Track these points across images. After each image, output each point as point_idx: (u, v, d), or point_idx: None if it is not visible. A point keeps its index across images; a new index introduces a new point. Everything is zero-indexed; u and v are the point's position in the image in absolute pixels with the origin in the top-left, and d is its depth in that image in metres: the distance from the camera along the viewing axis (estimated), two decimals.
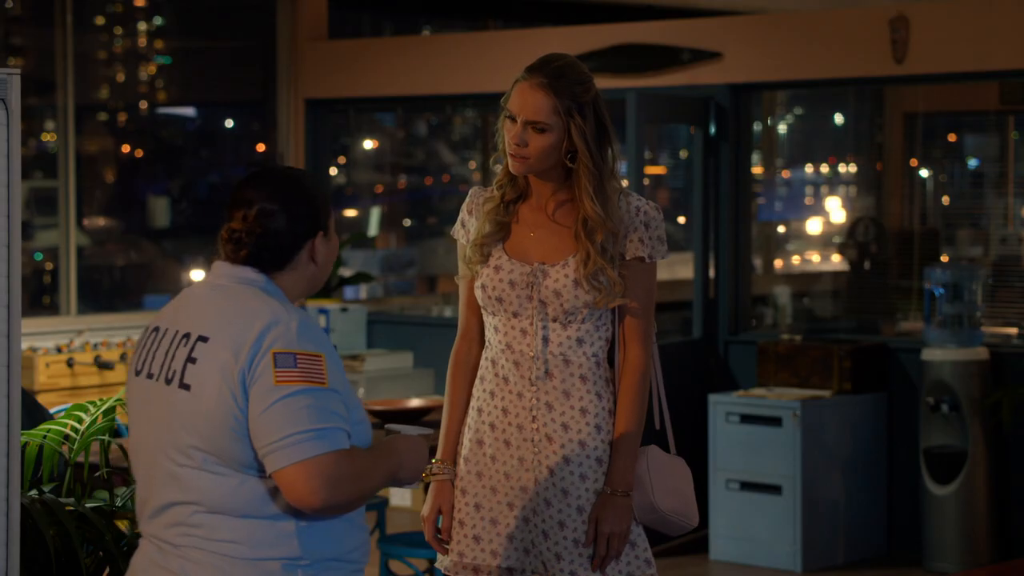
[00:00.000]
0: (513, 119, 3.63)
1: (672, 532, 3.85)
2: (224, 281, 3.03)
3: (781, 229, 11.02)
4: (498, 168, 3.76)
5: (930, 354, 7.75)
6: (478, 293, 3.72)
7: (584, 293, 3.62)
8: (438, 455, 3.77)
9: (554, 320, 3.65)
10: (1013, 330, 8.33)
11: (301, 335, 2.90)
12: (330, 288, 9.72)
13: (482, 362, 3.75)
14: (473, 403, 3.76)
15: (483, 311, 3.74)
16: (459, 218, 3.82)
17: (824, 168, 11.49)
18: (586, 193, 3.62)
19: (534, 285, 3.65)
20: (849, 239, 9.66)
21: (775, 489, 7.76)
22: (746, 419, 7.85)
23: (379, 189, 11.45)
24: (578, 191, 3.63)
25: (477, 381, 3.76)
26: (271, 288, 3.02)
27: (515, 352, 3.68)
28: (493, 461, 3.70)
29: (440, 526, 3.75)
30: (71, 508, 4.04)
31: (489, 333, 3.74)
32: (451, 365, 3.81)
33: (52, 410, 5.09)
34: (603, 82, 8.66)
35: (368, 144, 11.32)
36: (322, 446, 2.84)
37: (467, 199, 3.83)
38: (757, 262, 9.74)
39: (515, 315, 3.67)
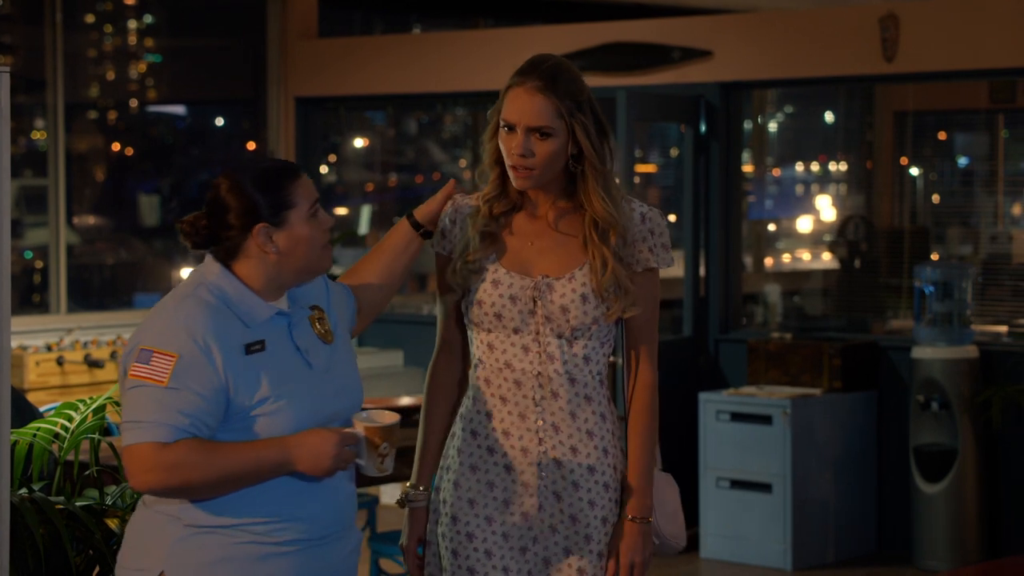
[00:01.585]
0: (511, 128, 3.43)
1: (664, 554, 3.66)
2: (185, 284, 3.28)
3: (771, 227, 11.02)
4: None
5: (920, 352, 7.76)
6: (473, 310, 3.49)
7: (593, 308, 3.44)
8: (413, 479, 3.58)
9: (559, 337, 3.45)
10: (1003, 328, 8.34)
11: (167, 333, 3.15)
12: None
13: (474, 382, 3.53)
14: (464, 425, 3.52)
15: (473, 328, 3.52)
16: (438, 228, 3.58)
17: (814, 166, 11.49)
18: (596, 194, 3.43)
19: (538, 300, 3.45)
20: (839, 237, 9.67)
21: (765, 487, 7.76)
22: (736, 417, 7.86)
23: (369, 187, 11.45)
24: (586, 194, 3.44)
25: (468, 402, 3.53)
26: (225, 279, 3.23)
27: (516, 371, 3.46)
28: (491, 488, 3.48)
29: (424, 555, 3.57)
30: (61, 507, 4.04)
31: (479, 351, 3.51)
32: (429, 381, 3.61)
33: (42, 408, 5.08)
34: (593, 80, 8.68)
35: (358, 142, 11.31)
36: (138, 436, 3.12)
37: (447, 208, 3.58)
38: (747, 260, 9.75)
39: (516, 331, 3.46)
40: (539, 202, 3.51)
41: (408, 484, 3.60)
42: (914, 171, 10.02)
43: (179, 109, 10.87)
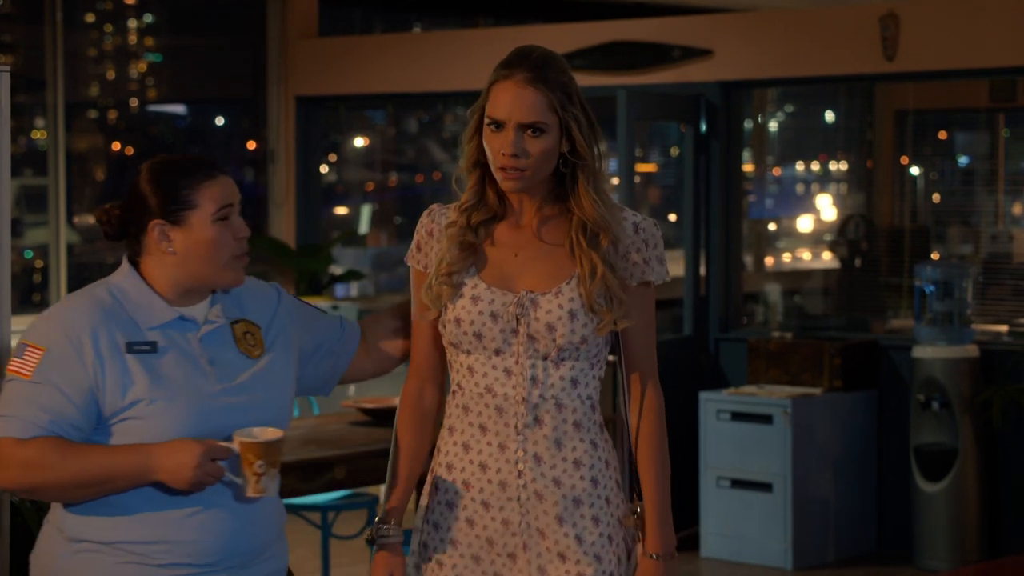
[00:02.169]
0: (499, 126, 3.10)
1: None
2: (93, 283, 3.20)
3: (772, 227, 11.02)
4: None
5: (921, 351, 7.75)
6: (450, 329, 3.16)
7: (582, 326, 3.11)
8: (380, 514, 3.25)
9: (545, 358, 3.12)
10: (1003, 327, 8.33)
11: (43, 329, 3.07)
12: (321, 286, 9.71)
13: (450, 409, 3.21)
14: (440, 459, 3.21)
15: (452, 350, 3.20)
16: (414, 240, 3.24)
17: (815, 166, 11.49)
18: (587, 195, 3.12)
19: (521, 317, 3.12)
20: (840, 237, 9.66)
21: (766, 487, 7.76)
22: (737, 417, 7.85)
23: (370, 187, 11.45)
24: (575, 196, 3.14)
25: (444, 432, 3.22)
26: (129, 279, 3.13)
27: (498, 396, 3.14)
28: (471, 526, 3.16)
29: None
30: None
31: (459, 375, 3.19)
32: (400, 408, 3.28)
33: None
34: (593, 79, 8.69)
35: (359, 141, 11.31)
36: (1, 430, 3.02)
37: (424, 218, 3.24)
38: (748, 260, 9.75)
39: (497, 353, 3.13)
40: (523, 209, 3.18)
41: (376, 520, 3.26)
42: (914, 170, 10.01)
43: (179, 108, 10.87)
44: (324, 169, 10.57)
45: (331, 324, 3.35)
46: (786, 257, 11.25)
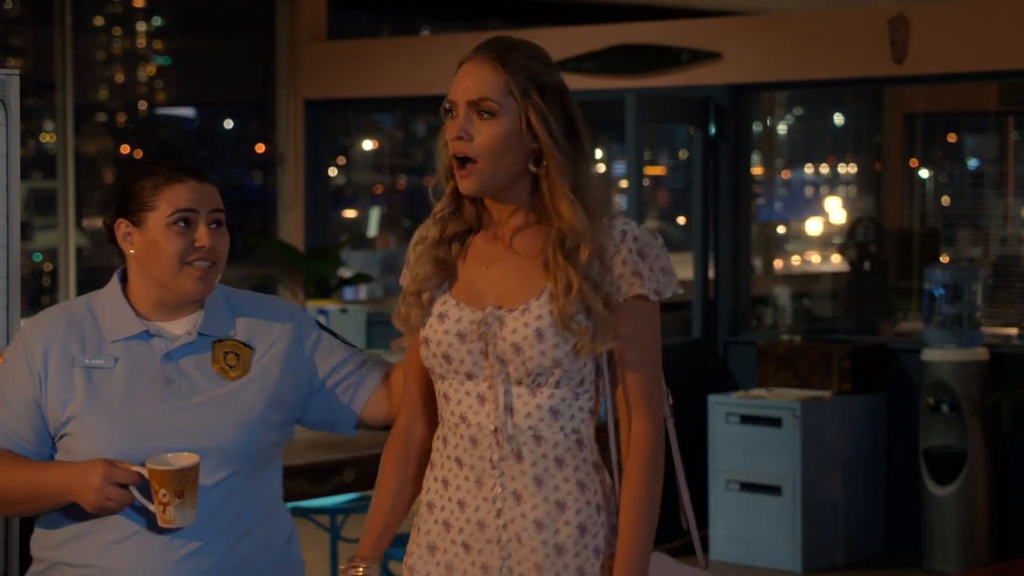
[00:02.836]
0: (451, 112, 2.83)
1: None
2: None
3: (781, 229, 11.02)
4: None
5: (930, 354, 7.74)
6: (422, 351, 2.86)
7: (553, 347, 2.75)
8: (358, 550, 2.99)
9: (518, 383, 2.78)
10: (1013, 330, 8.32)
11: (13, 341, 3.06)
12: (329, 289, 9.72)
13: (434, 443, 2.91)
14: (422, 496, 2.92)
15: (432, 375, 2.89)
16: (406, 259, 2.94)
17: (824, 168, 11.48)
18: (563, 196, 2.76)
19: (488, 336, 2.78)
20: (849, 239, 9.66)
21: (775, 490, 7.75)
22: (746, 420, 7.85)
23: (378, 190, 11.45)
24: (550, 196, 2.78)
25: (428, 468, 2.92)
26: (111, 289, 3.07)
27: (471, 426, 2.81)
28: (449, 571, 2.84)
29: None
30: None
31: (439, 404, 2.89)
32: (388, 443, 3.01)
33: None
34: (602, 83, 8.69)
35: (367, 144, 11.31)
36: None
37: (415, 237, 2.94)
38: (757, 263, 9.74)
39: (469, 377, 2.81)
40: (500, 218, 2.85)
41: (352, 558, 3.00)
42: (924, 173, 10.01)
43: (188, 111, 10.88)
44: (333, 172, 10.58)
45: (353, 358, 3.15)
46: (795, 260, 11.25)
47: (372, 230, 11.08)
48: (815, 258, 11.19)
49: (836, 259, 10.46)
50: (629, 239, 2.78)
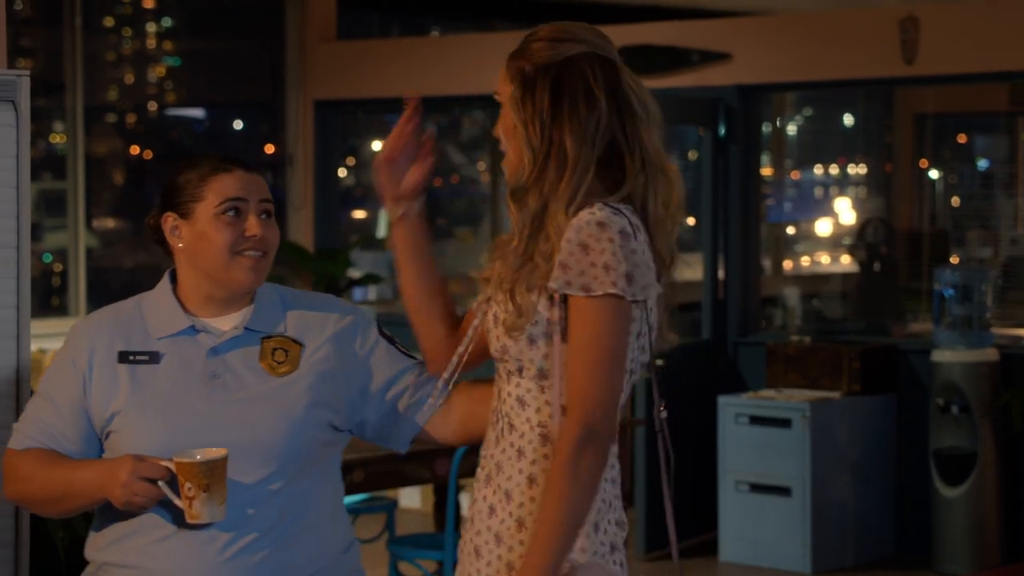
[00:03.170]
0: None
1: None
2: None
3: (790, 230, 11.01)
4: None
5: (940, 355, 7.73)
6: None
7: (503, 334, 2.74)
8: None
9: (507, 370, 2.80)
10: (1023, 331, 8.31)
11: (66, 338, 3.04)
12: (339, 289, 9.72)
13: None
14: None
15: None
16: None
17: (833, 169, 11.48)
18: (541, 184, 2.72)
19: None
20: (858, 240, 9.65)
21: (784, 491, 7.74)
22: (755, 420, 7.84)
23: None
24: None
25: None
26: (161, 287, 3.04)
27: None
28: (461, 552, 2.86)
29: None
30: None
31: None
32: None
33: None
34: None
35: (377, 145, 11.31)
36: (9, 443, 3.00)
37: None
38: (766, 263, 9.74)
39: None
40: None
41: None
42: (933, 174, 10.00)
43: (198, 112, 10.89)
44: (342, 173, 10.58)
45: (412, 369, 3.04)
46: (805, 261, 11.24)
47: (382, 231, 11.08)
48: (825, 259, 11.18)
49: (846, 260, 10.45)
50: (571, 229, 2.66)
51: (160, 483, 2.81)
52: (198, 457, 2.78)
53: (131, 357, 2.94)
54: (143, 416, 2.90)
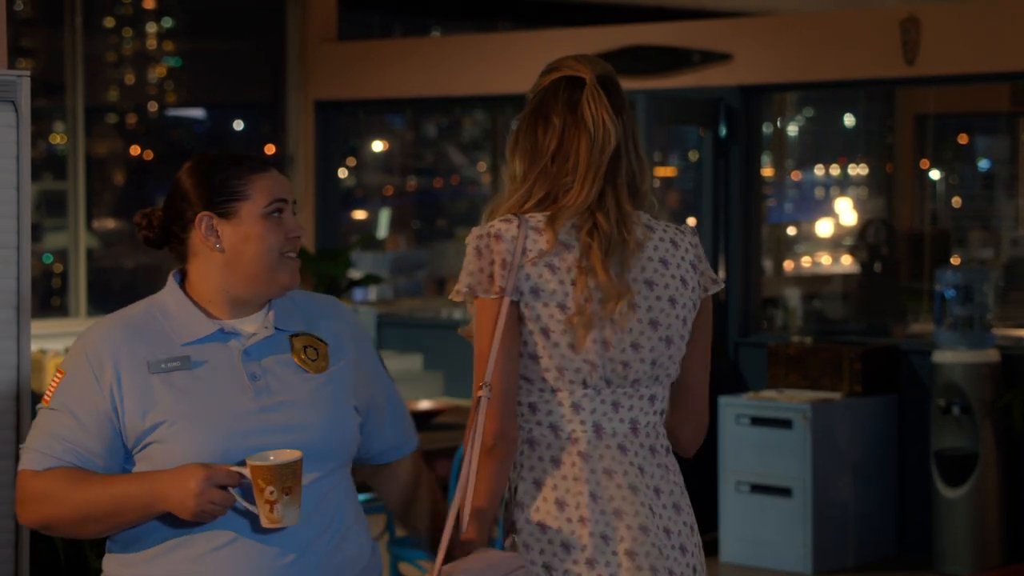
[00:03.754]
0: None
1: None
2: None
3: (791, 231, 11.01)
4: None
5: (941, 356, 7.73)
6: None
7: None
8: None
9: None
10: None
11: (71, 352, 2.87)
12: (340, 290, 9.72)
13: None
14: None
15: None
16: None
17: (834, 170, 11.48)
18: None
19: None
20: (859, 241, 9.65)
21: (785, 491, 7.74)
22: (756, 421, 7.84)
23: (389, 191, 11.46)
24: None
25: None
26: (171, 293, 2.91)
27: None
28: None
29: None
30: None
31: None
32: None
33: None
34: None
35: (378, 146, 11.32)
36: (21, 464, 2.83)
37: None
38: (767, 264, 9.74)
39: None
40: None
41: None
42: (934, 174, 10.00)
43: (198, 113, 10.89)
44: (343, 173, 10.58)
45: (390, 391, 3.09)
46: (806, 261, 11.24)
47: (382, 231, 11.08)
48: (826, 259, 11.18)
49: (847, 260, 10.45)
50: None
51: (231, 490, 2.73)
52: (271, 459, 2.72)
53: (163, 365, 2.82)
54: (193, 424, 2.78)
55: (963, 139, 10.20)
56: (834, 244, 11.13)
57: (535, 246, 2.92)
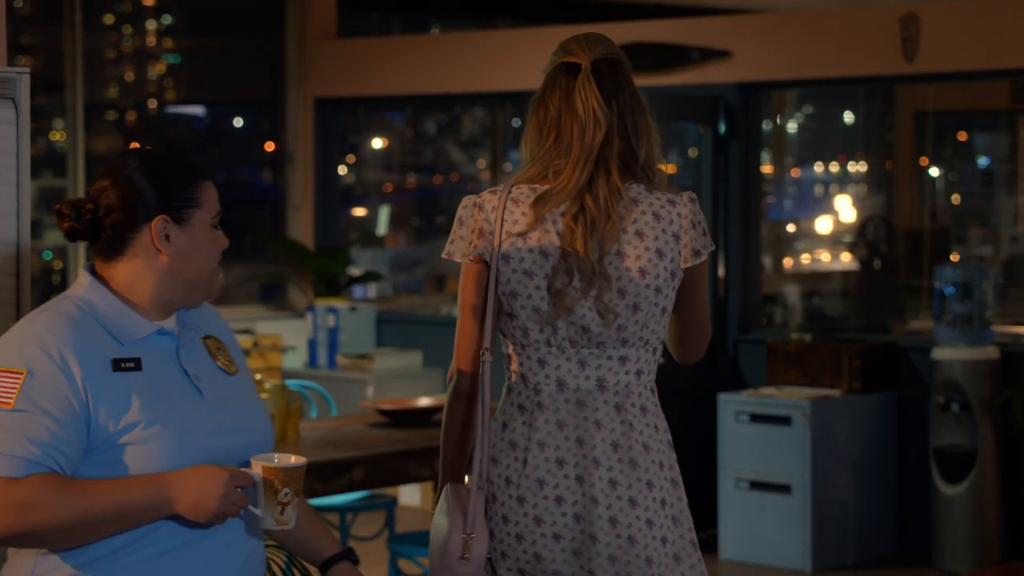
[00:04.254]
0: None
1: None
2: (49, 301, 2.84)
3: (791, 228, 11.01)
4: None
5: (940, 353, 7.73)
6: None
7: None
8: None
9: None
10: (1023, 329, 8.31)
11: (15, 350, 2.69)
12: (339, 287, 9.72)
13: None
14: None
15: None
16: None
17: (834, 167, 11.47)
18: None
19: None
20: (859, 238, 9.65)
21: (785, 489, 7.74)
22: (756, 418, 7.84)
23: (388, 188, 11.45)
24: None
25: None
26: (95, 292, 2.80)
27: None
28: None
29: None
30: None
31: None
32: None
33: None
34: None
35: (377, 143, 11.31)
36: None
37: None
38: (767, 261, 9.74)
39: None
40: None
41: None
42: (934, 171, 10.00)
43: (198, 110, 10.88)
44: (342, 170, 10.58)
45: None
46: (805, 258, 11.24)
47: (382, 228, 11.08)
48: (825, 256, 11.18)
49: (846, 258, 10.45)
50: None
51: (242, 491, 2.72)
52: (276, 460, 2.73)
53: (123, 364, 2.73)
54: (167, 426, 2.72)
55: (962, 136, 10.19)
56: (833, 241, 11.13)
57: (511, 217, 3.19)
